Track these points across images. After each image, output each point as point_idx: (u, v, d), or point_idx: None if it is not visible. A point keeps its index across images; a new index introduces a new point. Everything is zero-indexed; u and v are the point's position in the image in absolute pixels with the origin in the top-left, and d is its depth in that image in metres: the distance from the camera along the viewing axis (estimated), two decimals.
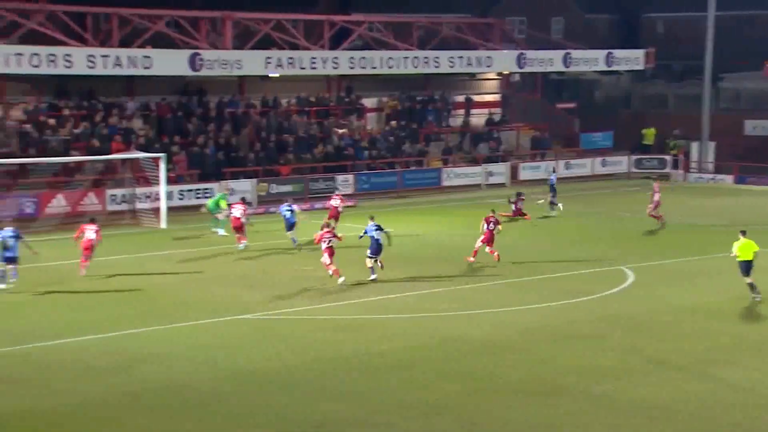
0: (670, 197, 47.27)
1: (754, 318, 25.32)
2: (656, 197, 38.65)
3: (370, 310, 25.73)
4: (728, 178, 54.32)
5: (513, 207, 40.45)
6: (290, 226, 34.05)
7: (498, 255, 30.89)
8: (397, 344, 22.68)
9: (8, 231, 28.25)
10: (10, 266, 27.93)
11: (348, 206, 44.36)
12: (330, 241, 28.44)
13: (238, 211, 34.04)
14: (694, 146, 57.39)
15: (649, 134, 59.75)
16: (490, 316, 25.40)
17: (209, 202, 37.83)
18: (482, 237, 31.22)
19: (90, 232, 29.34)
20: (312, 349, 22.24)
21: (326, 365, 21.04)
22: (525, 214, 40.08)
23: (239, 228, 33.85)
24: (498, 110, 58.60)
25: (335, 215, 36.34)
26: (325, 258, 28.39)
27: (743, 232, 26.64)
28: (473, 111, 57.21)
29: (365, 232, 29.27)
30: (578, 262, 31.71)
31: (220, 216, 36.37)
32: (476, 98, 58.03)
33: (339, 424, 17.77)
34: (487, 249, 31.09)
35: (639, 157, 57.85)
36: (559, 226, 38.92)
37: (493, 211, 32.01)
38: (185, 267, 31.20)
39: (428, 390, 19.50)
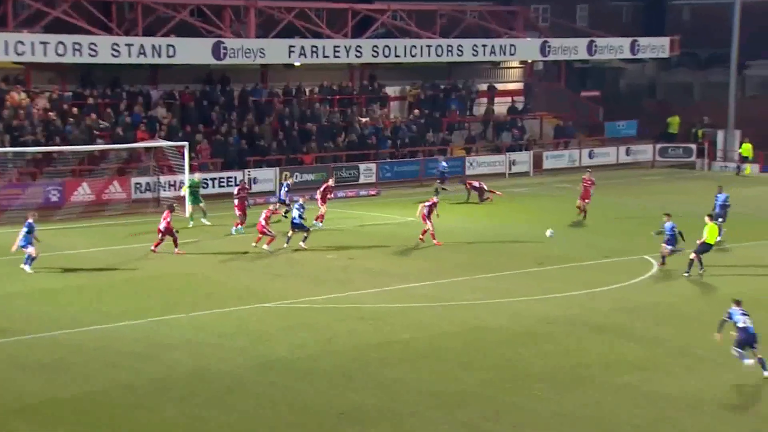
0: (696, 186, 47.23)
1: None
2: (587, 190, 37.77)
3: (393, 299, 25.95)
4: (755, 167, 54.12)
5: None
6: (295, 225, 32.38)
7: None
8: (420, 334, 22.89)
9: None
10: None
11: (371, 195, 44.64)
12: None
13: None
14: (720, 135, 57.11)
15: (674, 123, 59.57)
16: (512, 305, 25.54)
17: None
18: None
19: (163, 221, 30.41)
20: (336, 338, 22.48)
21: (350, 354, 21.28)
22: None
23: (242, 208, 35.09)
24: (521, 99, 58.58)
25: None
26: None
27: (710, 216, 29.27)
28: (496, 99, 57.20)
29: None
30: (601, 251, 31.77)
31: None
32: (499, 87, 58.02)
33: (363, 412, 18.01)
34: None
35: (664, 145, 57.67)
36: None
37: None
38: (210, 256, 31.48)
39: (451, 380, 19.70)
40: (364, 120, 50.76)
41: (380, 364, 20.64)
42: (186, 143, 40.37)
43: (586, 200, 37.78)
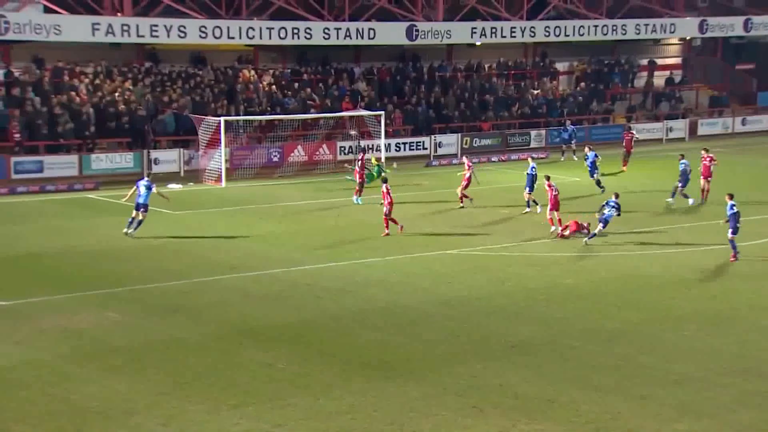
0: None
1: None
2: (707, 168, 31.99)
3: (556, 249, 25.54)
4: None
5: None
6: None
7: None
8: (583, 279, 22.48)
9: (144, 181, 26.65)
10: (140, 212, 26.12)
11: (541, 158, 43.92)
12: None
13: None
14: None
15: None
16: (665, 255, 24.69)
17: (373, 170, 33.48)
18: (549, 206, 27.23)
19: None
20: (508, 281, 22.37)
21: (521, 294, 21.14)
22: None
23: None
24: (679, 72, 55.99)
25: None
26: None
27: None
28: (656, 73, 54.94)
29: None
30: (755, 206, 29.99)
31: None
32: (659, 61, 55.67)
33: (530, 345, 17.89)
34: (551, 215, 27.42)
35: None
36: (736, 175, 36.55)
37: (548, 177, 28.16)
38: (397, 208, 31.71)
39: (608, 318, 19.30)
40: (535, 92, 49.84)
41: (547, 303, 20.41)
42: (382, 112, 40.82)
43: (708, 178, 31.77)
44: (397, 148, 42.78)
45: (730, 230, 24.00)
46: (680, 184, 31.32)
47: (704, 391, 15.49)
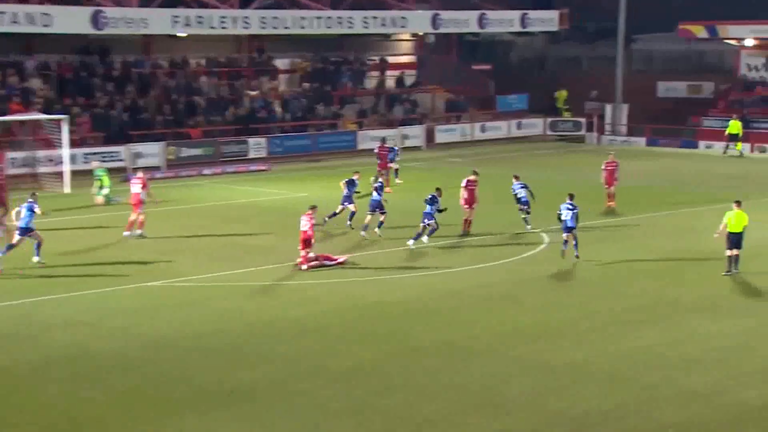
0: (586, 159, 47.98)
1: (673, 277, 25.85)
2: (611, 173, 34.82)
3: (284, 277, 25.59)
4: (641, 141, 55.46)
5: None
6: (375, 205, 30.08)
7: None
8: (310, 310, 22.61)
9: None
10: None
11: (261, 170, 44.13)
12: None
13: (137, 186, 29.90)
14: (608, 108, 58.32)
15: (561, 97, 60.56)
16: (404, 280, 25.50)
17: (102, 192, 35.23)
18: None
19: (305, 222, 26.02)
20: (226, 315, 22.05)
21: (240, 331, 20.89)
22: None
23: (138, 204, 29.78)
24: (413, 72, 58.62)
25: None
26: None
27: (737, 203, 25.58)
28: (388, 73, 57.17)
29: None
30: (494, 225, 31.89)
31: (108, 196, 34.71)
32: (391, 60, 57.97)
33: (252, 390, 17.66)
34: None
35: (554, 119, 58.63)
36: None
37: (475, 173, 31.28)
38: (89, 233, 30.57)
39: (341, 354, 19.51)
40: (252, 93, 50.08)
41: (270, 340, 20.30)
42: (65, 116, 39.11)
43: (612, 185, 34.70)
44: (85, 160, 41.07)
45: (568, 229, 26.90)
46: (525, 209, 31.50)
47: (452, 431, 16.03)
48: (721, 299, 23.73)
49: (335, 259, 26.56)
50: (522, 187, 31.21)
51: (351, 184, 31.03)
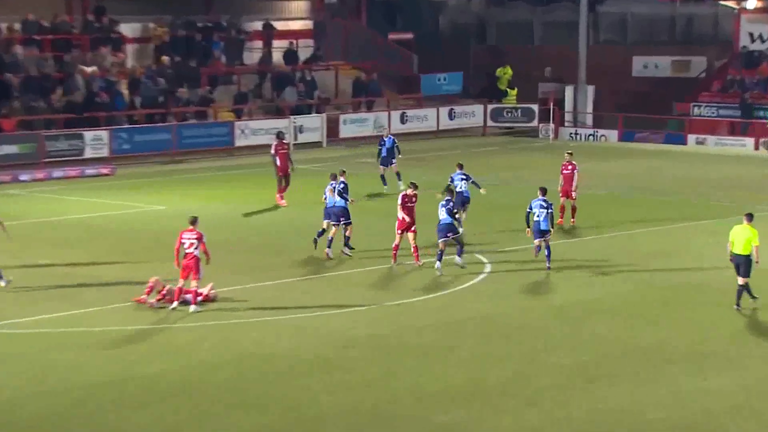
0: (539, 159, 48.64)
1: (648, 317, 26.33)
2: (569, 177, 35.33)
3: (141, 319, 25.54)
4: (612, 134, 56.21)
5: None
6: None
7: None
8: (171, 365, 22.61)
9: None
10: None
11: (102, 174, 43.89)
12: None
13: None
14: (568, 91, 58.84)
15: (505, 76, 61.08)
16: (294, 321, 25.61)
17: None
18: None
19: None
20: (53, 374, 21.94)
21: (73, 394, 20.80)
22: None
23: None
24: (309, 42, 58.83)
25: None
26: None
27: (748, 216, 25.86)
28: (275, 43, 57.27)
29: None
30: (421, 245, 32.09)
31: None
32: (279, 26, 58.11)
33: None
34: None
35: (497, 106, 59.20)
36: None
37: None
38: None
39: (211, 421, 19.54)
40: (89, 70, 49.79)
41: (117, 406, 20.24)
42: None
43: (571, 195, 35.25)
44: None
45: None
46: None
47: None
48: (712, 345, 24.24)
49: (201, 294, 26.57)
50: (463, 179, 32.73)
51: (344, 190, 31.20)
